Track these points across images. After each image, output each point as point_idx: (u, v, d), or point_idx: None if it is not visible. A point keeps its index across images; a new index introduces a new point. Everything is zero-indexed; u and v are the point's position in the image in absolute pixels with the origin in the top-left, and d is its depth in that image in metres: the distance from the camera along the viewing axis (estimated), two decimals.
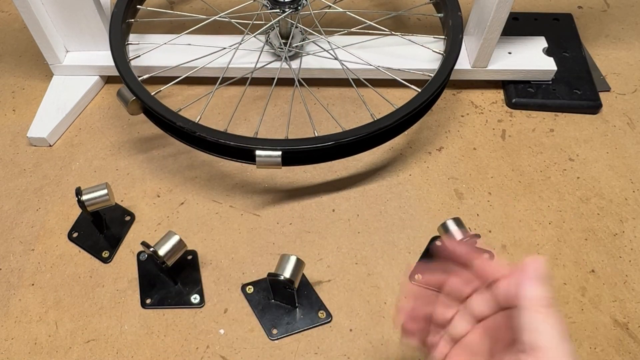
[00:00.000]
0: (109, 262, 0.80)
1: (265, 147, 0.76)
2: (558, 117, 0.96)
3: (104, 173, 0.90)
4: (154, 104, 0.80)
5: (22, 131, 0.96)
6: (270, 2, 0.88)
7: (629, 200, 0.84)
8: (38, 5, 0.90)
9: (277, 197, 0.86)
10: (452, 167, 0.89)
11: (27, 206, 0.86)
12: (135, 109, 0.83)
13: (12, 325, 0.74)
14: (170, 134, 0.84)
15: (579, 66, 1.00)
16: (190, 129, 0.77)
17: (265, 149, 0.76)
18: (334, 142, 0.77)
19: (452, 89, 1.00)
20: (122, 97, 0.83)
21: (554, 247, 0.80)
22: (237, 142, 0.76)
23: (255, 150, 0.75)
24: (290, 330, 0.73)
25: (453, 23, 0.88)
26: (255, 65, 0.91)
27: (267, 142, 0.76)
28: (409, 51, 0.95)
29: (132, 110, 0.83)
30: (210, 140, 0.77)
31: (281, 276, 0.68)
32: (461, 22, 0.88)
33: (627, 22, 1.12)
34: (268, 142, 0.76)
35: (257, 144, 0.76)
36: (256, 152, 0.75)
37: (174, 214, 0.84)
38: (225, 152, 0.80)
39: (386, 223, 0.83)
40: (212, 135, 0.77)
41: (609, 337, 0.71)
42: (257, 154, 0.76)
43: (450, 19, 0.88)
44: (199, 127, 0.78)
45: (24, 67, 1.07)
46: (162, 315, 0.74)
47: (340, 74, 0.93)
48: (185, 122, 0.78)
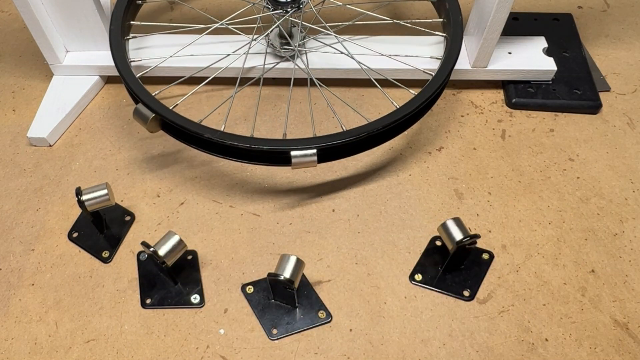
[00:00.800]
0: (109, 262, 0.80)
1: (300, 147, 0.75)
2: (558, 117, 0.96)
3: (104, 173, 0.90)
4: (175, 119, 0.78)
5: (22, 131, 0.96)
6: (271, 3, 0.88)
7: (629, 200, 0.84)
8: (38, 5, 0.90)
9: (277, 197, 0.86)
10: (452, 167, 0.89)
11: (27, 206, 0.86)
12: (155, 127, 0.80)
13: (12, 325, 0.74)
14: (194, 146, 0.82)
15: (579, 66, 1.00)
16: (220, 139, 0.76)
17: (300, 148, 0.75)
18: (367, 134, 0.77)
19: (452, 89, 1.00)
20: (140, 115, 0.79)
21: (554, 247, 0.80)
22: (270, 146, 0.75)
23: (291, 152, 0.75)
24: (290, 330, 0.73)
25: (453, 22, 0.88)
26: (263, 67, 0.91)
27: (300, 142, 0.76)
28: (409, 51, 0.95)
29: (151, 128, 0.80)
30: (242, 147, 0.76)
31: (281, 276, 0.68)
32: (461, 22, 0.88)
33: (627, 22, 1.12)
34: (302, 142, 0.76)
35: (291, 145, 0.75)
36: (291, 152, 0.75)
37: (174, 214, 0.84)
38: (257, 158, 0.79)
39: (386, 223, 0.83)
40: (244, 142, 0.75)
41: (609, 337, 0.71)
42: (292, 155, 0.75)
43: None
44: (229, 136, 0.76)
45: (24, 67, 1.07)
46: (162, 315, 0.74)
47: (347, 72, 0.93)
48: (213, 132, 0.76)
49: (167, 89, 0.97)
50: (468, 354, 0.70)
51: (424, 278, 0.77)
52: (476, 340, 0.71)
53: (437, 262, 0.78)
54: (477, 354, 0.70)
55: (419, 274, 0.77)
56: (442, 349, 0.71)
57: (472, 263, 0.78)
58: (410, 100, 0.80)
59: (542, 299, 0.75)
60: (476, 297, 0.75)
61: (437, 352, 0.70)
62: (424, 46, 0.96)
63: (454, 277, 0.77)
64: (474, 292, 0.75)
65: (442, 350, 0.71)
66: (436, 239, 0.81)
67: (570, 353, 0.70)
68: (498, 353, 0.70)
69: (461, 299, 0.75)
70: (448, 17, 0.89)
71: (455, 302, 0.75)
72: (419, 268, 0.78)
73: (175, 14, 1.16)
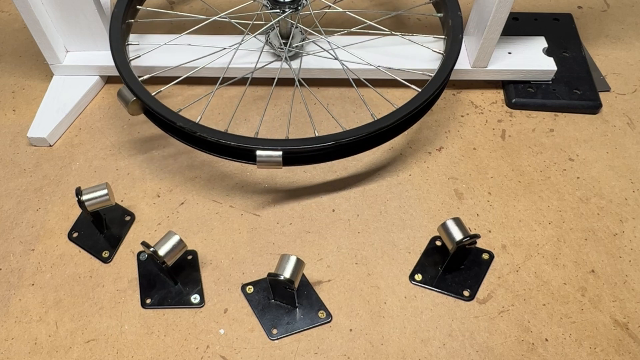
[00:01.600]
0: (109, 262, 0.80)
1: (266, 147, 0.76)
2: (558, 117, 0.96)
3: (104, 173, 0.90)
4: (154, 105, 0.80)
5: (22, 131, 0.96)
6: (270, 2, 0.88)
7: (629, 200, 0.84)
8: (38, 5, 0.90)
9: (277, 197, 0.86)
10: (452, 167, 0.89)
11: (27, 206, 0.86)
12: (136, 110, 0.83)
13: (12, 325, 0.74)
14: (171, 134, 0.84)
15: (579, 66, 1.00)
16: (191, 129, 0.77)
17: (266, 149, 0.76)
18: (334, 142, 0.77)
19: (452, 89, 1.00)
20: (123, 97, 0.83)
21: (554, 247, 0.80)
22: (237, 142, 0.76)
23: (256, 151, 0.76)
24: (290, 330, 0.73)
25: (453, 23, 0.88)
26: (256, 65, 0.91)
27: (267, 142, 0.76)
28: (409, 51, 0.95)
29: (132, 111, 0.83)
30: (211, 140, 0.77)
31: (281, 276, 0.68)
32: (461, 22, 0.88)
33: (627, 22, 1.12)
34: (268, 142, 0.76)
35: (257, 144, 0.76)
36: (257, 152, 0.76)
37: (174, 214, 0.84)
38: (225, 153, 0.80)
39: (386, 223, 0.83)
40: (213, 136, 0.77)
41: (609, 337, 0.71)
42: (257, 154, 0.76)
43: (450, 19, 0.88)
44: (199, 128, 0.78)
45: (24, 67, 1.07)
46: (162, 315, 0.74)
47: (340, 74, 0.93)
48: (185, 122, 0.78)
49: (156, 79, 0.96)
50: (468, 354, 0.70)
51: (424, 278, 0.77)
52: (476, 340, 0.71)
53: (437, 262, 0.78)
54: (477, 354, 0.70)
55: (419, 274, 0.77)
56: (442, 349, 0.71)
57: (472, 263, 0.78)
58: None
59: (542, 299, 0.75)
60: (476, 297, 0.75)
61: (437, 352, 0.71)
62: (420, 60, 0.95)
63: (454, 277, 0.77)
64: (474, 292, 0.75)
65: (442, 350, 0.71)
66: (436, 239, 0.81)
67: (570, 353, 0.70)
68: (498, 353, 0.70)
69: (461, 299, 0.75)
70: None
71: (455, 302, 0.75)
72: (419, 268, 0.78)
73: (175, 14, 1.16)
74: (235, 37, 0.96)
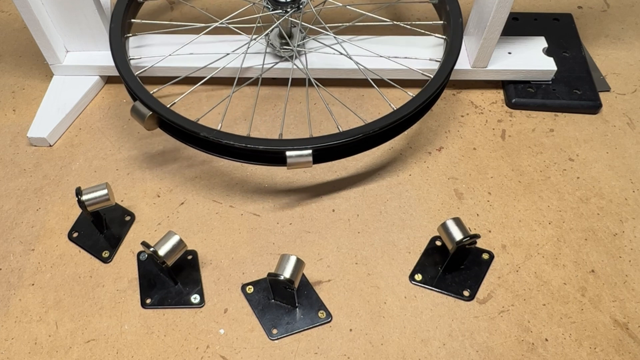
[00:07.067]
0: (109, 262, 0.80)
1: (295, 147, 0.75)
2: (558, 117, 0.96)
3: (104, 173, 0.90)
4: (172, 117, 0.78)
5: (22, 131, 0.96)
6: (271, 3, 0.88)
7: (629, 200, 0.84)
8: (38, 5, 0.90)
9: (277, 197, 0.86)
10: (452, 167, 0.89)
11: (27, 206, 0.86)
12: (152, 124, 0.80)
13: (12, 325, 0.74)
14: (191, 145, 0.82)
15: (579, 66, 1.00)
16: (216, 138, 0.75)
17: (295, 148, 0.75)
18: (362, 135, 0.76)
19: (452, 89, 1.00)
20: (138, 113, 0.79)
21: (554, 247, 0.80)
22: (266, 146, 0.75)
23: (286, 152, 0.75)
24: (290, 330, 0.73)
25: (453, 22, 0.88)
26: (262, 67, 0.91)
27: (296, 142, 0.76)
28: (409, 51, 0.95)
29: (148, 126, 0.80)
30: (238, 147, 0.76)
31: (281, 276, 0.68)
32: (461, 21, 0.88)
33: (627, 22, 1.12)
34: (297, 142, 0.76)
35: (287, 145, 0.75)
36: (286, 153, 0.75)
37: (174, 214, 0.84)
38: (251, 158, 0.79)
39: (386, 223, 0.83)
40: (239, 142, 0.75)
41: (609, 337, 0.71)
42: (287, 155, 0.75)
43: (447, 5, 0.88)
44: (225, 135, 0.76)
45: (24, 67, 1.07)
46: (162, 315, 0.74)
47: (347, 73, 0.92)
48: (209, 131, 0.76)
49: (165, 88, 0.97)
50: (468, 354, 0.70)
51: (424, 278, 0.77)
52: (476, 340, 0.71)
53: (437, 262, 0.78)
54: (477, 354, 0.70)
55: (419, 274, 0.77)
56: (442, 349, 0.71)
57: (472, 263, 0.78)
58: (408, 102, 0.80)
59: (542, 299, 0.75)
60: (476, 297, 0.75)
61: (437, 352, 0.71)
62: (424, 48, 0.96)
63: (454, 277, 0.77)
64: (474, 292, 0.75)
65: (442, 350, 0.71)
66: (436, 239, 0.81)
67: (570, 353, 0.70)
68: (498, 353, 0.70)
69: (461, 299, 0.75)
70: (448, 18, 0.89)
71: (455, 302, 0.75)
72: (419, 268, 0.78)
73: (176, 13, 1.16)
74: (237, 38, 0.96)
